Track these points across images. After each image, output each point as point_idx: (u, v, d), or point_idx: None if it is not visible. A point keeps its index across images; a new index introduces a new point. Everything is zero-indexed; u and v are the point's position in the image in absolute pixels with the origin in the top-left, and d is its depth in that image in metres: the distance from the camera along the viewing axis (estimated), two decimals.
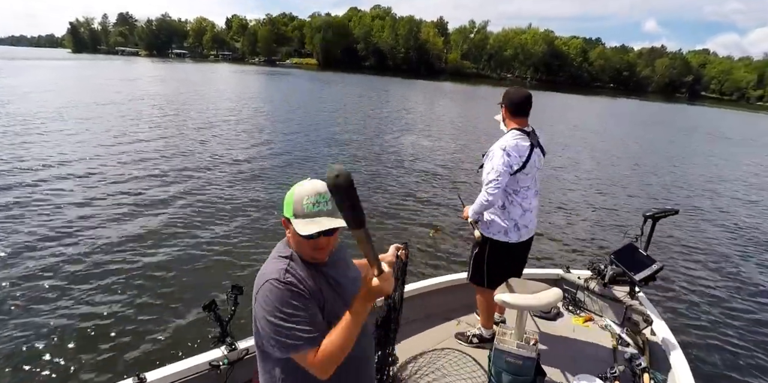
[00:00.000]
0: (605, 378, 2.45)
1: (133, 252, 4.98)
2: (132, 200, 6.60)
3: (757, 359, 4.00)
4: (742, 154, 17.52)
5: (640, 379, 2.44)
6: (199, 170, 8.41)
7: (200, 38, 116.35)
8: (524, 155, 2.45)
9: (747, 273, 5.92)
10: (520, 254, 2.73)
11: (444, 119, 19.74)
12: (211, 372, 2.06)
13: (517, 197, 2.53)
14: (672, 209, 3.12)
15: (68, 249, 4.92)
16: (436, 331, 2.99)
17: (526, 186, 2.54)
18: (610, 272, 3.12)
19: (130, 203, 6.46)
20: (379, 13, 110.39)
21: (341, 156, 10.49)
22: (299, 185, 1.23)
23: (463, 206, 2.84)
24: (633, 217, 7.64)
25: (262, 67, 70.82)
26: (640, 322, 2.85)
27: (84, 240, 5.16)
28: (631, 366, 2.56)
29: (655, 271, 2.82)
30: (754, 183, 11.95)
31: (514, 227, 2.56)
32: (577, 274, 3.35)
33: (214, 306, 2.07)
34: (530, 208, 2.59)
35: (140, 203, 6.49)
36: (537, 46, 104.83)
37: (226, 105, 18.33)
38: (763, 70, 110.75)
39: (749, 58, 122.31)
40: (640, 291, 3.04)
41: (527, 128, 2.54)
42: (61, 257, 4.74)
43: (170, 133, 11.57)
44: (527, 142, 2.48)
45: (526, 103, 2.53)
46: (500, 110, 2.62)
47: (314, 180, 1.24)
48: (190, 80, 32.16)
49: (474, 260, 2.74)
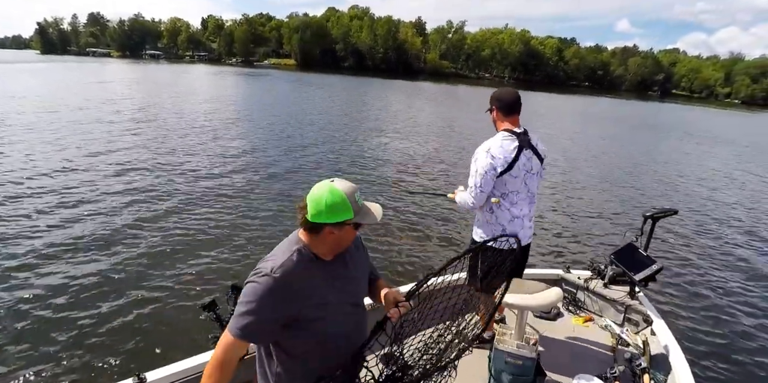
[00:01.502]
0: (605, 378, 2.44)
1: (132, 252, 5.01)
2: (128, 199, 6.66)
3: (757, 359, 4.01)
4: (732, 154, 17.80)
5: (640, 379, 2.44)
6: (192, 171, 8.35)
7: (175, 39, 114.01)
8: (509, 157, 2.36)
9: (747, 273, 5.94)
10: (513, 262, 2.67)
11: (425, 120, 19.74)
12: None
13: (505, 202, 2.45)
14: (671, 209, 3.14)
15: (68, 249, 4.96)
16: (437, 331, 3.02)
17: (515, 190, 2.43)
18: (610, 272, 3.13)
19: (127, 203, 6.50)
20: (358, 14, 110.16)
21: (325, 158, 10.36)
22: (332, 189, 1.27)
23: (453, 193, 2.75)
24: (633, 217, 7.71)
25: (239, 68, 69.68)
26: (640, 322, 2.86)
27: (84, 240, 5.19)
28: (631, 366, 2.55)
29: (655, 271, 2.82)
30: (753, 184, 12.09)
31: (502, 232, 2.46)
32: (577, 274, 3.35)
33: (214, 306, 2.07)
34: (521, 215, 2.47)
35: (139, 203, 6.55)
36: (514, 46, 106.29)
37: (203, 108, 17.85)
38: (729, 68, 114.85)
39: (716, 57, 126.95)
40: (640, 291, 3.04)
41: (518, 129, 2.45)
42: (61, 257, 4.78)
43: (147, 138, 11.18)
44: (514, 143, 2.39)
45: (517, 102, 2.48)
46: (490, 114, 2.56)
47: (337, 181, 1.30)
48: (166, 82, 31.36)
49: (470, 265, 2.70)
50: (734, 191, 10.87)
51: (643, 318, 2.83)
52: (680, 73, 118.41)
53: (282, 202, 7.09)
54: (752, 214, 8.95)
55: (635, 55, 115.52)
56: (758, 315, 4.85)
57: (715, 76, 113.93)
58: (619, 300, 3.00)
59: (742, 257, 6.52)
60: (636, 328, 2.88)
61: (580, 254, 6.06)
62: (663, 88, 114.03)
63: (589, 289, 3.18)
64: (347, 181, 1.32)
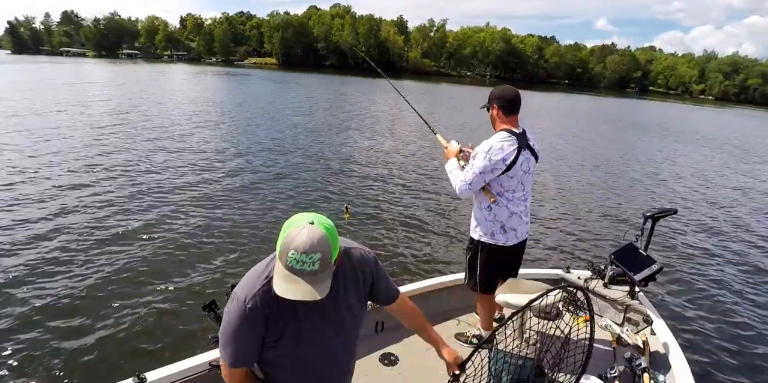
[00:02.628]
0: (605, 378, 2.42)
1: (132, 253, 5.03)
2: (125, 201, 6.72)
3: (757, 359, 4.01)
4: (727, 154, 17.93)
5: (640, 379, 2.43)
6: (183, 174, 8.15)
7: (153, 38, 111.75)
8: (509, 159, 2.36)
9: (747, 273, 5.97)
10: (510, 259, 2.68)
11: (409, 118, 19.77)
12: (211, 372, 2.06)
13: (503, 199, 2.48)
14: (671, 209, 3.14)
15: (67, 250, 5.01)
16: (436, 331, 3.01)
17: (512, 189, 2.47)
18: (610, 272, 3.11)
19: (125, 205, 6.56)
20: (339, 12, 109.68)
21: (313, 161, 10.27)
22: (293, 225, 1.09)
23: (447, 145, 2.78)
24: (633, 217, 7.77)
25: (219, 68, 68.65)
26: (640, 322, 2.85)
27: (83, 241, 5.24)
28: (631, 366, 2.54)
29: (655, 271, 2.82)
30: (752, 183, 12.23)
31: (501, 229, 2.51)
32: (577, 274, 3.35)
33: (214, 306, 2.05)
34: (517, 212, 2.51)
35: (138, 204, 6.62)
36: (495, 44, 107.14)
37: (183, 110, 17.48)
38: (703, 65, 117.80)
39: (691, 55, 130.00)
40: (640, 291, 3.03)
41: (517, 130, 2.44)
42: (60, 258, 4.81)
43: (137, 140, 10.88)
44: (514, 145, 2.38)
45: (518, 101, 2.45)
46: (488, 112, 2.53)
47: (311, 229, 1.07)
48: (144, 83, 30.62)
49: (468, 265, 2.72)
50: (734, 191, 10.96)
51: (643, 318, 2.84)
52: (657, 71, 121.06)
53: (279, 203, 7.19)
54: (752, 213, 9.01)
55: (613, 53, 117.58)
56: (759, 314, 4.85)
57: (690, 74, 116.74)
58: (619, 300, 2.99)
59: (742, 257, 6.53)
60: (636, 328, 2.88)
61: (580, 254, 6.08)
62: (641, 85, 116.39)
63: (589, 289, 3.17)
64: (312, 239, 1.06)
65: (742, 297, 5.23)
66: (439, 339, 1.61)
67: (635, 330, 2.90)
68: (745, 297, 5.26)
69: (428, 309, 3.07)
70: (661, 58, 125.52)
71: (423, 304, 2.99)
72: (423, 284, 3.14)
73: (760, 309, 4.98)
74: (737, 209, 9.29)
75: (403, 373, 2.57)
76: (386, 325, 2.93)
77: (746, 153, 18.34)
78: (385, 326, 2.93)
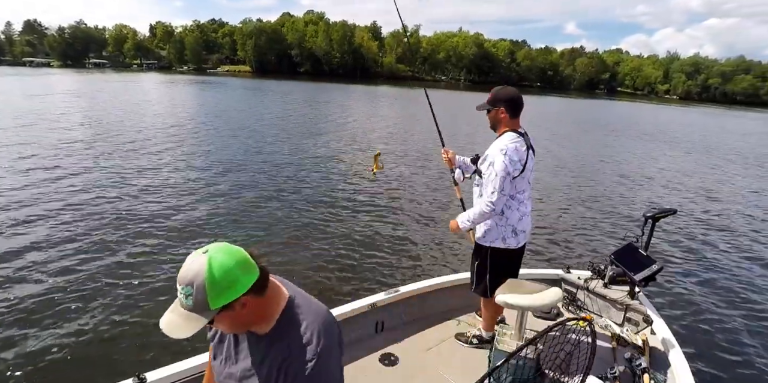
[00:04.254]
0: (605, 378, 2.42)
1: (132, 254, 5.11)
2: (119, 204, 6.92)
3: (757, 359, 4.01)
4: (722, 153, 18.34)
5: (640, 379, 2.44)
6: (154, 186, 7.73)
7: (121, 46, 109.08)
8: (523, 159, 2.39)
9: (747, 273, 5.97)
10: (517, 260, 2.71)
11: (388, 127, 19.75)
12: None
13: (515, 202, 2.49)
14: (671, 209, 3.14)
15: (67, 250, 5.10)
16: (436, 331, 3.01)
17: (523, 190, 2.50)
18: (610, 272, 3.12)
19: (123, 207, 6.77)
20: (312, 19, 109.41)
21: (290, 172, 10.08)
22: (191, 256, 0.97)
23: None
24: (632, 217, 7.83)
25: (191, 76, 67.33)
26: (640, 322, 2.86)
27: (84, 242, 5.35)
28: (631, 366, 2.55)
29: (655, 271, 2.82)
30: (751, 183, 12.41)
31: (512, 232, 2.52)
32: (577, 274, 3.35)
33: None
34: (527, 212, 2.56)
35: (137, 205, 6.84)
36: (468, 48, 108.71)
37: (154, 121, 16.94)
38: (667, 66, 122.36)
39: (656, 56, 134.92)
40: (640, 291, 3.03)
41: (521, 130, 2.47)
42: (60, 258, 4.89)
43: (108, 153, 10.49)
44: (524, 146, 2.42)
45: (523, 102, 2.48)
46: (488, 114, 2.52)
47: (195, 259, 0.96)
48: (112, 93, 29.72)
49: (477, 272, 2.71)
50: (732, 191, 11.12)
51: (643, 317, 2.84)
52: (624, 72, 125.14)
53: (273, 204, 7.42)
54: (752, 213, 9.10)
55: (582, 56, 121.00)
56: (759, 314, 4.86)
57: (655, 74, 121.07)
58: (619, 300, 3.00)
59: (742, 257, 6.55)
60: (636, 328, 2.89)
61: (580, 254, 6.10)
62: (609, 86, 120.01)
63: (589, 289, 3.18)
64: (201, 262, 0.94)
65: (743, 297, 5.25)
66: None
67: (635, 330, 2.91)
68: (746, 296, 5.28)
69: (428, 309, 3.17)
70: (628, 60, 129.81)
71: (423, 304, 3.14)
72: (423, 284, 3.13)
73: (761, 308, 5.00)
74: (737, 209, 9.43)
75: (403, 373, 2.57)
76: (386, 325, 2.95)
77: (745, 159, 18.32)
78: (385, 326, 2.95)
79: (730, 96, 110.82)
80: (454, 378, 2.54)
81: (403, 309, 3.04)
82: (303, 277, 4.88)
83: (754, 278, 5.84)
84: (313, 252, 5.59)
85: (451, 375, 2.57)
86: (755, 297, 5.29)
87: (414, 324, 3.03)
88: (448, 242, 6.18)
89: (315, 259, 5.40)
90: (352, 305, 2.79)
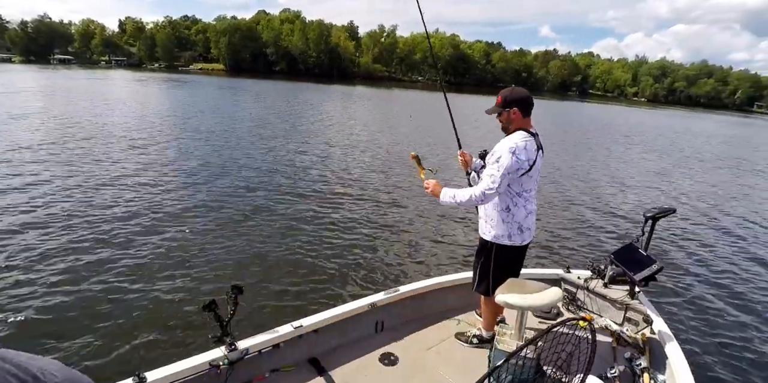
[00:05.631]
0: (605, 378, 2.43)
1: (132, 254, 5.12)
2: (120, 204, 6.97)
3: (757, 359, 4.02)
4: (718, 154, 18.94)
5: (640, 379, 2.45)
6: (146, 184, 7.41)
7: (88, 42, 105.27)
8: (532, 158, 2.39)
9: (747, 273, 6.00)
10: (521, 258, 2.71)
11: (365, 128, 19.55)
12: (211, 372, 2.11)
13: (521, 200, 2.50)
14: (670, 209, 3.13)
15: (68, 249, 5.14)
16: (436, 331, 3.03)
17: (530, 188, 2.51)
18: (610, 272, 3.12)
19: (123, 208, 6.81)
20: (289, 17, 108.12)
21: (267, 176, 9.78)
22: None
23: (421, 170, 2.80)
24: (632, 217, 7.87)
25: (162, 74, 65.31)
26: (640, 322, 2.86)
27: (85, 242, 5.36)
28: (631, 366, 2.56)
29: (655, 271, 2.81)
30: (750, 183, 12.72)
31: (518, 230, 2.52)
32: (577, 274, 3.36)
33: (214, 305, 2.08)
34: (533, 210, 2.57)
35: (135, 206, 6.89)
36: (444, 49, 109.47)
37: (125, 121, 16.29)
38: (636, 69, 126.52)
39: (625, 60, 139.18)
40: (640, 291, 3.03)
41: (532, 130, 2.48)
42: (61, 257, 4.92)
43: (80, 156, 9.94)
44: (534, 145, 2.42)
45: (529, 100, 2.47)
46: (500, 116, 2.52)
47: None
48: (78, 91, 28.52)
49: (480, 269, 2.70)
50: (731, 190, 11.36)
51: (643, 317, 2.84)
52: (595, 75, 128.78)
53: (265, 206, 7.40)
54: (752, 213, 9.25)
55: (555, 59, 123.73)
56: (759, 314, 4.90)
57: (624, 77, 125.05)
58: (619, 300, 3.00)
59: (742, 256, 6.61)
60: (636, 328, 2.89)
61: (580, 254, 6.10)
62: (581, 88, 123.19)
63: (589, 289, 3.17)
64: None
65: (743, 297, 5.28)
66: None
67: (635, 330, 2.91)
68: (746, 296, 5.31)
69: (428, 308, 3.20)
70: (599, 63, 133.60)
71: (423, 304, 3.18)
72: (423, 283, 3.15)
73: (761, 308, 5.04)
74: (737, 209, 9.58)
75: (403, 373, 2.57)
76: (386, 325, 2.97)
77: (742, 162, 18.84)
78: (385, 326, 2.96)
79: (694, 99, 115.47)
80: (454, 378, 2.55)
81: (402, 308, 3.07)
82: (303, 278, 4.88)
83: (754, 278, 5.90)
84: (313, 252, 5.60)
85: (451, 375, 2.58)
86: (755, 297, 5.33)
87: (414, 323, 3.06)
88: (448, 242, 6.21)
89: (315, 259, 5.41)
90: (352, 305, 2.81)
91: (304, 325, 2.54)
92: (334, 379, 2.48)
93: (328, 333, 2.71)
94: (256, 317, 3.97)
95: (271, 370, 2.46)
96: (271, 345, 2.43)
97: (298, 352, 2.60)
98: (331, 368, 2.56)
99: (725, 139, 29.08)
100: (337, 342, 2.77)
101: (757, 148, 25.19)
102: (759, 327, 4.62)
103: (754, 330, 4.55)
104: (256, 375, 2.40)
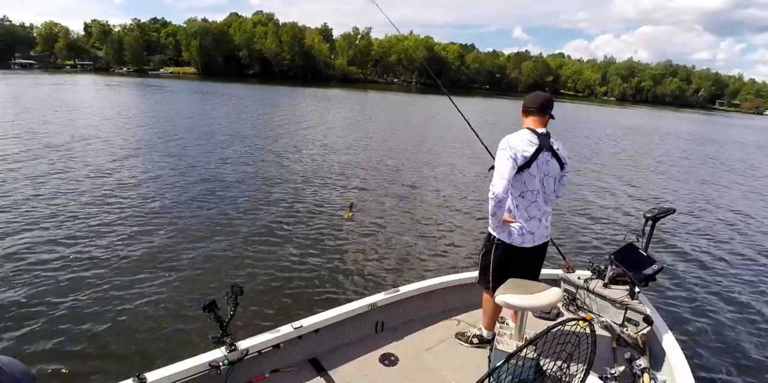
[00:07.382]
0: (605, 378, 2.43)
1: (133, 254, 5.13)
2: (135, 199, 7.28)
3: (757, 359, 4.01)
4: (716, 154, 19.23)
5: (640, 379, 2.45)
6: None
7: (51, 46, 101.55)
8: (528, 151, 2.37)
9: (747, 273, 6.01)
10: (527, 260, 2.63)
11: (344, 129, 19.38)
12: (211, 373, 2.12)
13: (524, 201, 2.47)
14: (671, 209, 3.12)
15: (67, 251, 5.14)
16: (436, 331, 3.03)
17: (535, 190, 2.46)
18: (610, 272, 3.11)
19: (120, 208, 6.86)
20: (261, 20, 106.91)
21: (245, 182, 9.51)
22: None
23: None
24: (633, 217, 7.92)
25: (131, 78, 63.47)
26: (640, 322, 2.84)
27: (85, 242, 5.38)
28: (631, 366, 2.56)
29: (655, 271, 2.80)
30: (750, 184, 12.86)
31: (519, 230, 2.49)
32: (577, 274, 3.36)
33: (214, 306, 2.08)
34: (537, 215, 2.50)
35: (134, 207, 6.99)
36: (419, 51, 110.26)
37: (83, 131, 15.66)
38: (605, 70, 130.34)
39: (595, 61, 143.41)
40: (640, 291, 3.01)
41: (540, 130, 2.48)
42: (60, 258, 4.92)
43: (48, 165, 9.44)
44: (534, 140, 2.41)
45: (541, 102, 2.50)
46: None
47: None
48: (41, 97, 27.41)
49: (482, 262, 2.70)
50: (731, 190, 11.51)
51: (643, 317, 2.83)
52: (566, 75, 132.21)
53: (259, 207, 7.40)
54: (752, 213, 9.33)
55: (528, 60, 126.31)
56: (759, 314, 4.89)
57: (594, 77, 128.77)
58: (619, 300, 2.99)
59: (742, 256, 6.61)
60: (636, 328, 2.88)
61: (580, 254, 6.11)
62: (553, 88, 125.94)
63: (589, 289, 3.16)
64: None
65: (743, 297, 5.31)
66: None
67: (635, 330, 2.90)
68: (746, 296, 5.34)
69: (428, 308, 3.21)
70: (569, 64, 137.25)
71: (423, 304, 3.19)
72: (423, 284, 3.15)
73: (761, 308, 5.06)
74: (737, 208, 9.70)
75: (403, 373, 2.57)
76: (386, 325, 2.97)
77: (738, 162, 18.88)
78: (385, 326, 2.96)
79: (661, 98, 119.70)
80: (454, 378, 2.54)
81: (402, 308, 3.07)
82: (303, 278, 4.86)
83: (754, 278, 5.94)
84: (312, 253, 5.58)
85: (451, 375, 2.57)
86: (756, 297, 5.33)
87: (414, 323, 3.06)
88: (448, 242, 6.23)
89: (315, 259, 5.38)
90: (352, 305, 2.80)
91: (304, 325, 2.54)
92: (334, 379, 2.47)
93: (328, 334, 2.71)
94: (256, 317, 3.95)
95: (271, 370, 2.47)
96: (271, 346, 2.43)
97: (298, 352, 2.60)
98: (331, 368, 2.56)
99: (717, 137, 30.05)
100: (337, 343, 2.77)
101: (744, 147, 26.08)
102: (759, 327, 4.63)
103: (754, 330, 4.56)
104: (256, 376, 2.41)
